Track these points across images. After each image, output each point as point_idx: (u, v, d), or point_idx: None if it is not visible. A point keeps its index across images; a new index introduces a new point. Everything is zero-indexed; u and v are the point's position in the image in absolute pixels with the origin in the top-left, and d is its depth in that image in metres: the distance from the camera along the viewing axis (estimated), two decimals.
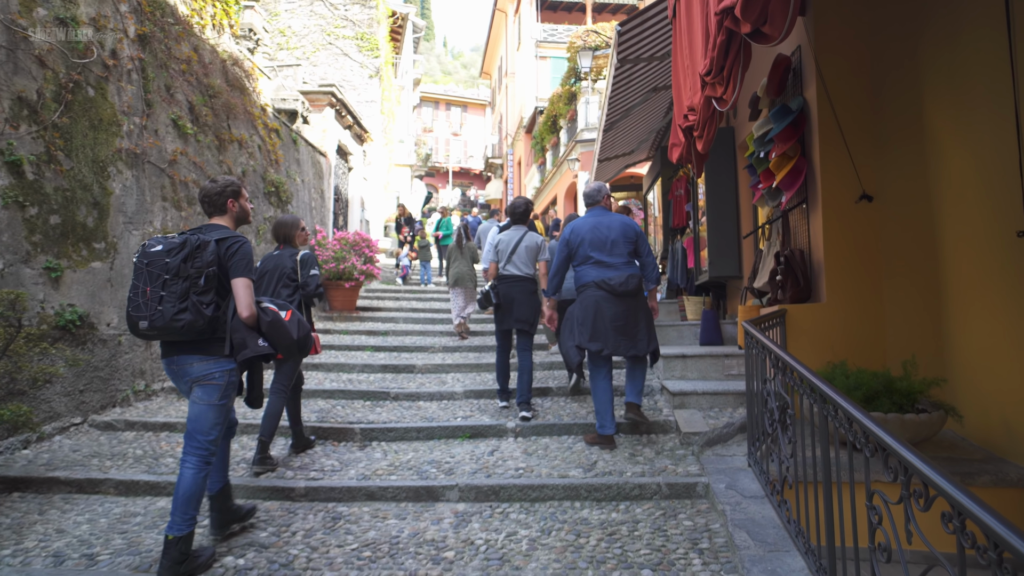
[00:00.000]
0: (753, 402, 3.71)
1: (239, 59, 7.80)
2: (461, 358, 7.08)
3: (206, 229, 2.91)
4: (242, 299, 2.81)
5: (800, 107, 5.04)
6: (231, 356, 2.85)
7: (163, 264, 2.71)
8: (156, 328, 2.68)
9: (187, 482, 2.79)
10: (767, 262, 5.39)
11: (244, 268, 2.84)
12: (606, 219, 4.51)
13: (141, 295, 2.70)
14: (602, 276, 4.31)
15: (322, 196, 10.85)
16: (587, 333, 4.27)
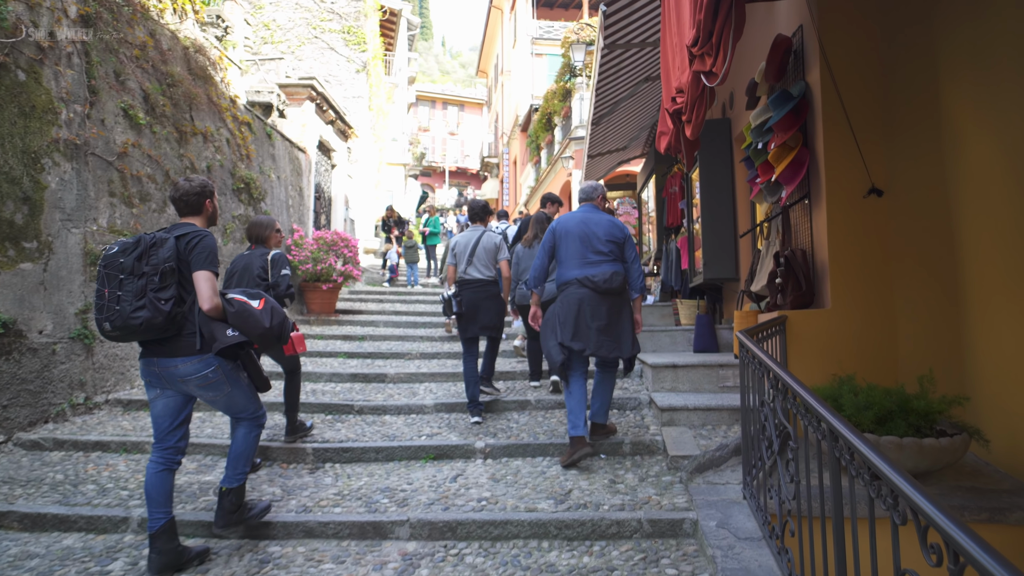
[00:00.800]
0: (749, 423, 3.24)
1: (203, 47, 7.32)
2: (438, 366, 6.60)
3: (171, 228, 2.91)
4: (203, 292, 2.77)
5: (802, 92, 4.57)
6: (204, 351, 2.83)
7: (118, 264, 2.72)
8: (117, 328, 2.69)
9: (239, 442, 3.07)
10: (766, 263, 4.92)
11: (205, 261, 2.80)
12: (595, 216, 4.27)
13: (101, 297, 2.73)
14: (585, 273, 4.10)
15: (300, 194, 10.37)
16: (569, 332, 4.04)
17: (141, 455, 4.23)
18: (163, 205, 6.34)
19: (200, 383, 2.84)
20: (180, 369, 2.79)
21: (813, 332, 4.23)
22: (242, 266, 4.28)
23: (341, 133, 12.80)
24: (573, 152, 16.92)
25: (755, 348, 2.80)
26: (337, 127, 12.45)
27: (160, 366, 2.81)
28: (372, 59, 16.02)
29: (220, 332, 2.83)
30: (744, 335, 3.19)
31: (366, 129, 16.46)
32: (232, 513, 3.00)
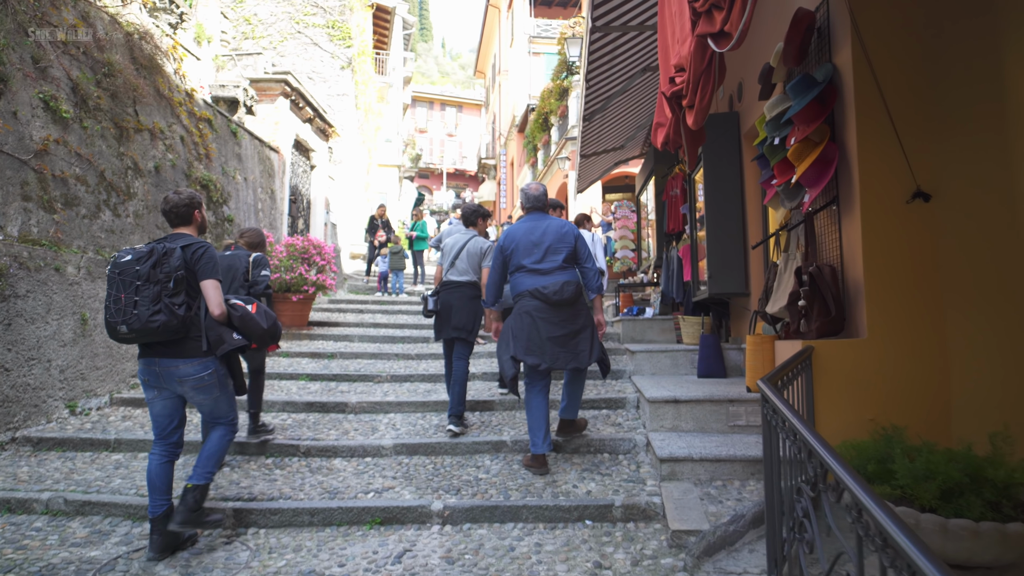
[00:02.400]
0: (774, 501, 2.47)
1: (150, 33, 6.57)
2: (408, 392, 5.83)
3: (171, 238, 3.12)
4: (212, 299, 3.07)
5: (829, 77, 3.81)
6: (208, 353, 3.08)
7: (134, 272, 2.91)
8: (135, 330, 2.89)
9: (214, 443, 3.21)
10: (784, 281, 4.15)
11: (211, 270, 3.09)
12: (542, 223, 4.11)
13: (117, 302, 2.90)
14: (536, 284, 3.98)
15: (272, 196, 9.62)
16: (522, 345, 3.92)
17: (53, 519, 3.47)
18: (96, 211, 5.58)
19: (195, 384, 3.07)
20: (181, 370, 3.03)
21: (846, 368, 3.46)
22: (226, 266, 4.38)
23: (321, 132, 12.04)
24: (570, 153, 16.19)
25: (789, 413, 2.03)
26: (316, 125, 11.70)
27: (161, 366, 3.03)
28: (358, 55, 15.28)
29: (228, 336, 3.15)
30: (768, 386, 2.42)
31: (352, 129, 15.71)
32: (193, 511, 3.08)
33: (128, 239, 6.00)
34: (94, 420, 5.02)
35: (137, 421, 5.04)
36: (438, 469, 4.02)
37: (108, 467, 4.14)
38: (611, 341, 7.87)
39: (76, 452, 4.44)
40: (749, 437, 4.04)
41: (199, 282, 3.06)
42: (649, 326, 7.76)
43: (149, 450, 4.42)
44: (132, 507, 3.49)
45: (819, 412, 3.43)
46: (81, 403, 5.19)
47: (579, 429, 4.30)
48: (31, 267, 4.75)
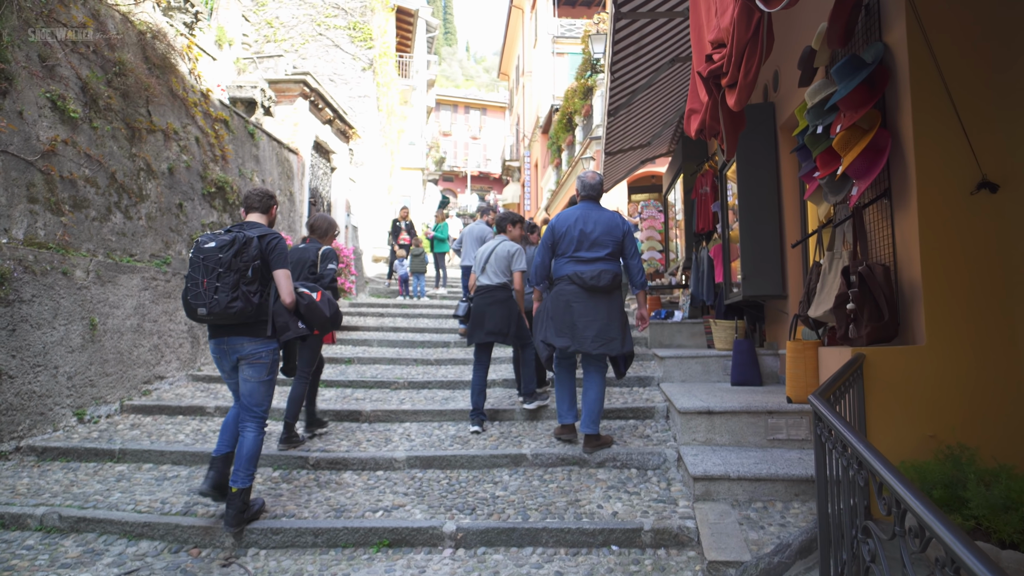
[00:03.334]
0: (828, 534, 2.15)
1: (163, 32, 6.45)
2: (425, 399, 5.58)
3: (247, 226, 3.34)
4: (284, 287, 3.30)
5: (879, 57, 3.47)
6: (272, 337, 3.32)
7: (217, 259, 3.11)
8: (214, 314, 3.11)
9: (248, 443, 3.26)
10: (829, 282, 3.80)
11: (283, 261, 3.32)
12: (594, 214, 4.18)
13: (199, 286, 3.11)
14: (576, 270, 4.10)
15: (291, 199, 9.48)
16: (554, 328, 4.09)
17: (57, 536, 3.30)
18: (106, 213, 5.44)
19: (254, 360, 3.28)
20: (246, 348, 3.26)
21: (902, 378, 3.11)
22: (296, 257, 4.55)
23: (341, 134, 11.91)
24: (594, 153, 15.87)
25: (858, 443, 1.71)
26: (336, 127, 11.56)
27: (229, 344, 3.26)
28: (379, 56, 15.16)
29: (293, 323, 3.40)
30: (821, 401, 2.10)
31: (374, 131, 15.59)
32: (241, 513, 3.21)
33: (140, 242, 5.87)
34: (102, 428, 4.86)
35: (146, 430, 4.88)
36: (452, 485, 3.75)
37: (110, 479, 3.95)
38: (639, 346, 7.53)
39: (80, 462, 4.27)
40: (791, 453, 3.70)
41: (272, 271, 3.30)
42: (678, 330, 7.41)
43: (154, 461, 4.29)
44: (128, 524, 3.29)
45: (872, 427, 3.09)
46: (90, 411, 5.04)
47: (604, 444, 4.12)
48: (37, 271, 4.61)
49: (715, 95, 2.72)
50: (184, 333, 6.41)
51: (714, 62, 2.54)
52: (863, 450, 1.66)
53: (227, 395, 5.77)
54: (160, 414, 5.29)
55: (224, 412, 5.28)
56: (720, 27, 2.42)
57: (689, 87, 3.37)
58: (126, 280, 5.56)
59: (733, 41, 2.24)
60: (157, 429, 4.90)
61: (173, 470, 4.13)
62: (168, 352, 6.12)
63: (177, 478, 3.98)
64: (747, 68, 2.27)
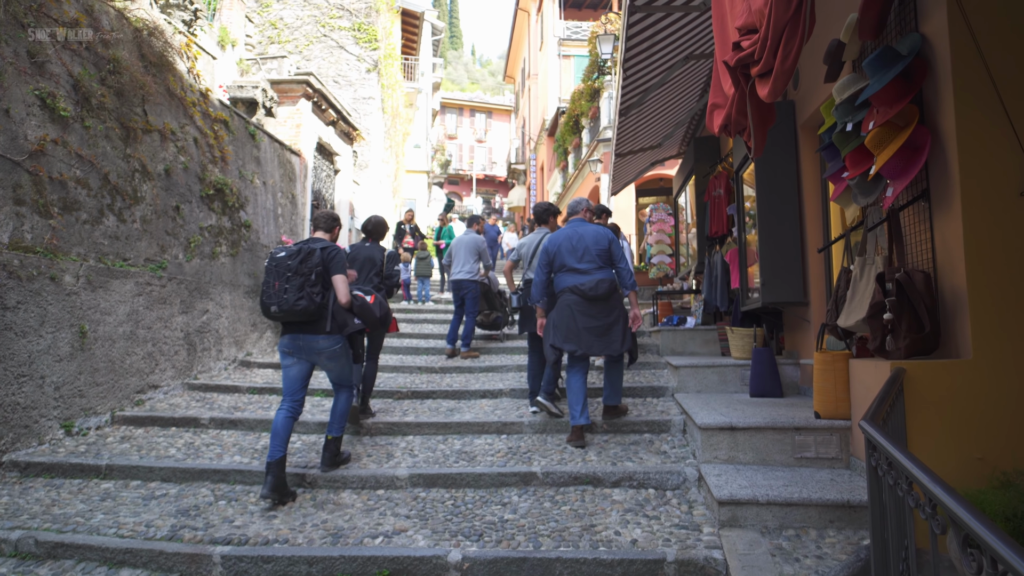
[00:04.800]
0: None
1: (161, 29, 6.25)
2: (429, 410, 5.34)
3: (312, 241, 3.91)
4: (341, 290, 3.85)
5: (916, 49, 3.22)
6: (335, 332, 3.84)
7: (287, 265, 3.74)
8: (283, 311, 3.69)
9: (341, 404, 4.07)
10: (861, 289, 3.55)
11: (341, 267, 3.87)
12: (580, 229, 4.66)
13: (271, 287, 3.74)
14: (575, 282, 4.53)
15: (293, 201, 9.27)
16: (562, 334, 4.52)
17: None
18: (98, 216, 5.23)
19: (330, 355, 3.86)
20: (320, 344, 3.80)
21: (946, 395, 2.86)
22: (364, 256, 5.15)
23: (345, 135, 11.70)
24: (601, 155, 15.63)
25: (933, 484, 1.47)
26: (340, 128, 11.36)
27: (304, 340, 3.80)
28: (384, 57, 14.97)
29: (349, 320, 3.93)
30: (878, 430, 1.85)
31: (379, 133, 15.41)
32: (335, 456, 3.98)
33: (134, 246, 5.66)
34: (90, 442, 4.64)
35: (136, 443, 4.66)
36: (458, 506, 3.51)
37: (94, 498, 3.73)
38: (650, 353, 7.29)
39: (64, 479, 4.05)
40: (821, 473, 3.44)
41: (331, 276, 3.83)
42: (691, 337, 7.16)
43: (142, 478, 4.07)
44: (109, 551, 3.06)
45: (914, 449, 2.83)
46: (78, 422, 4.83)
47: (622, 413, 4.82)
48: (22, 276, 4.41)
49: (743, 86, 2.48)
50: (180, 340, 6.20)
51: (743, 49, 2.30)
52: (940, 492, 1.41)
53: (222, 405, 5.56)
54: (152, 425, 5.07)
55: (220, 423, 5.06)
56: (752, 9, 2.18)
57: (712, 81, 3.13)
58: (119, 285, 5.35)
59: (769, 23, 2.00)
60: (148, 442, 4.67)
61: (161, 488, 3.90)
62: (163, 360, 5.91)
63: (165, 497, 3.75)
64: (785, 53, 2.04)
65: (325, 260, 3.81)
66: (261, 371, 6.97)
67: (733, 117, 2.68)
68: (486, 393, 5.77)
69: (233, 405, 5.56)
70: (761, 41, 2.09)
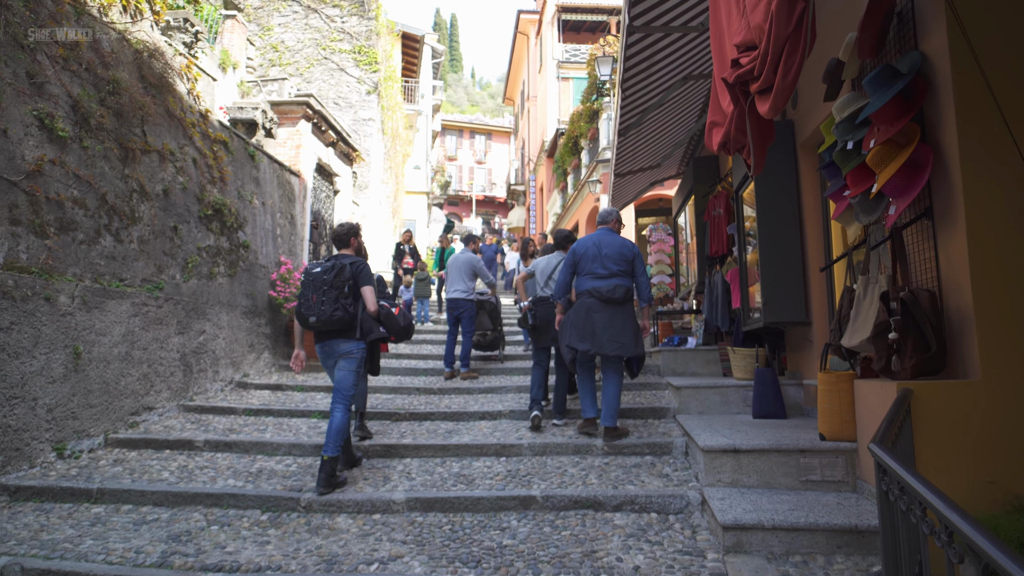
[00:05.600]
0: None
1: (161, 51, 6.28)
2: (427, 432, 5.26)
3: (340, 257, 4.27)
4: (369, 300, 4.20)
5: (916, 67, 3.22)
6: (361, 338, 4.21)
7: (322, 279, 4.11)
8: (321, 321, 4.05)
9: (337, 421, 4.09)
10: (864, 308, 3.50)
11: (369, 279, 4.24)
12: (608, 238, 4.95)
13: (309, 300, 4.10)
14: (594, 285, 4.81)
15: (292, 222, 9.26)
16: (576, 334, 4.76)
17: None
18: (95, 236, 5.20)
19: (348, 357, 4.14)
20: (343, 347, 4.13)
21: (955, 417, 2.80)
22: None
23: (345, 156, 11.74)
24: (600, 176, 15.67)
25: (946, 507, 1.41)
26: (340, 149, 11.40)
27: (331, 346, 4.14)
28: (384, 80, 15.09)
29: (376, 328, 4.25)
30: (888, 454, 1.79)
31: (379, 154, 15.48)
32: (331, 477, 3.98)
33: (131, 267, 5.62)
34: (82, 465, 4.56)
35: (129, 466, 4.57)
36: (456, 531, 3.43)
37: (84, 523, 3.64)
38: (651, 374, 7.22)
39: (54, 503, 3.96)
40: (827, 496, 3.36)
41: (360, 288, 4.18)
42: (692, 357, 7.10)
43: (133, 502, 3.98)
44: None
45: (922, 472, 2.77)
46: (71, 445, 4.75)
47: (622, 434, 4.79)
48: (16, 296, 4.36)
49: (742, 103, 2.46)
50: (176, 361, 6.13)
51: (742, 66, 2.28)
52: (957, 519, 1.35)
53: (217, 427, 5.48)
54: (146, 448, 4.99)
55: (214, 445, 4.98)
56: (750, 25, 2.17)
57: (710, 99, 3.12)
58: (114, 306, 5.30)
59: (770, 38, 1.98)
60: (141, 465, 4.59)
61: (153, 512, 3.82)
62: (158, 381, 5.84)
63: (156, 522, 3.66)
64: (786, 69, 2.01)
65: (355, 273, 4.19)
66: (258, 392, 6.89)
67: (732, 135, 2.66)
68: (485, 415, 5.70)
69: (228, 427, 5.48)
70: (761, 57, 2.07)
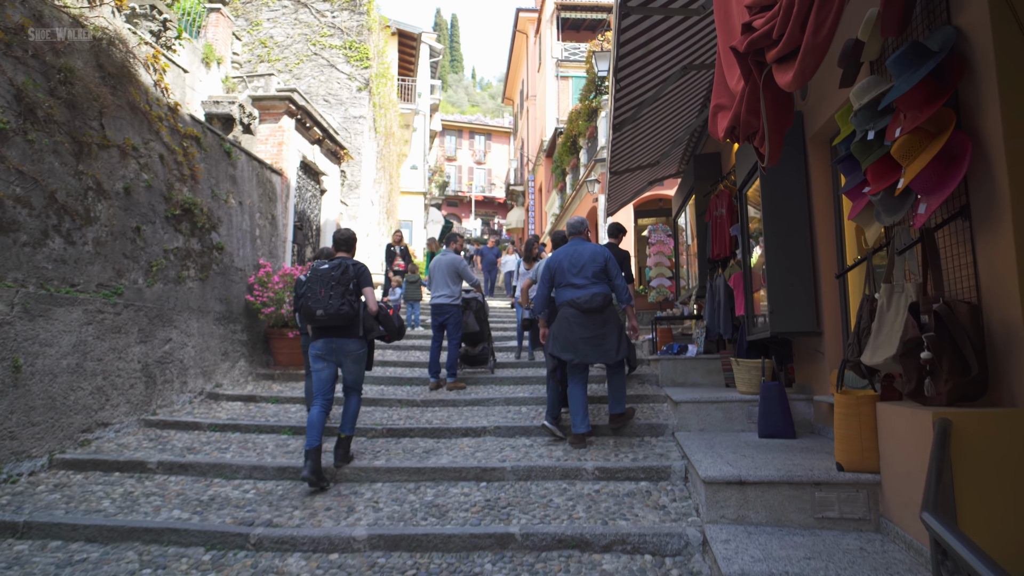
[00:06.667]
0: None
1: (123, 38, 5.85)
2: (403, 452, 4.82)
3: (343, 260, 4.53)
4: (371, 299, 4.55)
5: (950, 44, 2.78)
6: (363, 336, 4.52)
7: (330, 276, 4.37)
8: (328, 315, 4.27)
9: (352, 406, 4.58)
10: (889, 321, 3.06)
11: (369, 281, 4.53)
12: (580, 247, 5.00)
13: (317, 294, 4.32)
14: (572, 296, 4.87)
15: (273, 222, 8.82)
16: (560, 345, 4.83)
17: None
18: (41, 238, 4.77)
19: (355, 357, 4.49)
20: (350, 346, 4.45)
21: (1002, 452, 2.36)
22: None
23: (332, 154, 11.31)
24: (599, 175, 15.25)
25: None
26: (326, 147, 10.97)
27: (337, 343, 4.42)
28: (376, 76, 14.66)
29: (375, 326, 4.61)
30: (946, 528, 1.35)
31: (371, 153, 15.05)
32: (347, 453, 4.46)
33: (84, 271, 5.19)
34: (17, 491, 4.12)
35: (69, 492, 4.13)
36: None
37: (0, 565, 3.21)
38: (649, 384, 6.78)
39: None
40: (847, 538, 2.92)
41: (362, 287, 4.46)
42: (692, 367, 6.67)
43: (63, 537, 3.54)
44: None
45: (964, 516, 2.34)
46: (8, 468, 4.31)
47: (628, 417, 5.02)
48: None
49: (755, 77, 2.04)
50: (137, 372, 5.70)
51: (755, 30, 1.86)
52: None
53: (176, 446, 5.04)
54: (94, 470, 4.56)
55: (168, 467, 4.54)
56: None
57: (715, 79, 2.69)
58: (63, 314, 4.87)
59: None
60: (83, 491, 4.15)
61: (83, 550, 3.38)
62: (115, 395, 5.40)
63: (84, 563, 3.22)
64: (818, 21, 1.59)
65: (357, 274, 4.45)
66: (228, 405, 6.46)
67: (742, 117, 2.22)
68: (468, 431, 5.26)
69: (188, 446, 5.04)
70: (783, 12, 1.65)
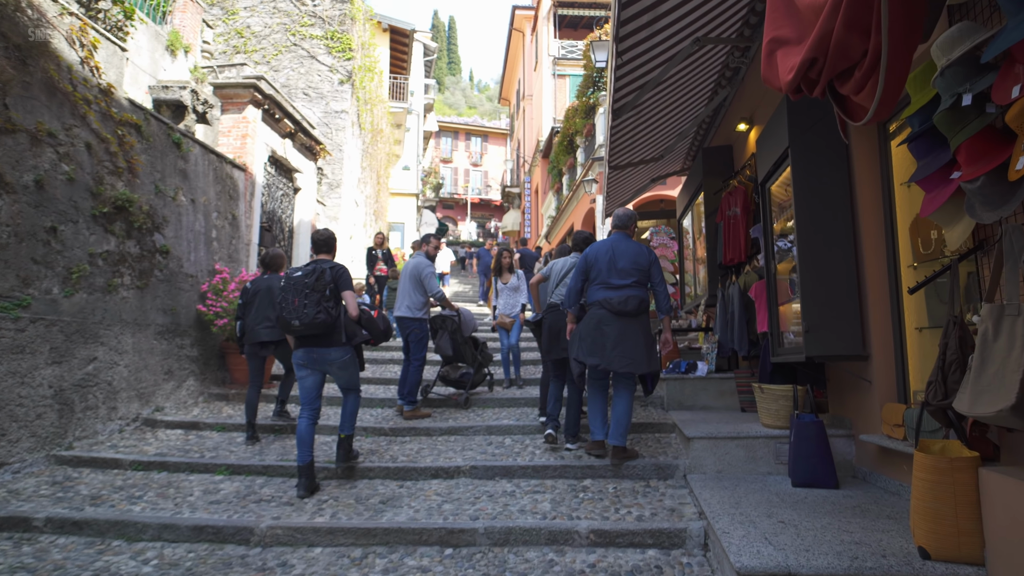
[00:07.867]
0: None
1: (37, 5, 4.97)
2: (354, 501, 3.93)
3: (320, 262, 4.26)
4: (350, 304, 4.22)
5: None
6: (346, 343, 4.24)
7: (304, 283, 4.08)
8: (304, 324, 4.01)
9: (351, 405, 4.42)
10: (999, 356, 2.19)
11: (349, 284, 4.27)
12: (623, 244, 4.53)
13: (291, 304, 4.05)
14: (605, 295, 4.41)
15: (234, 223, 7.93)
16: (586, 348, 4.40)
17: None
18: None
19: (340, 365, 4.26)
20: (332, 355, 4.20)
21: None
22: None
23: (307, 150, 10.43)
24: (596, 174, 14.41)
25: None
26: (300, 142, 10.09)
27: (318, 353, 4.18)
28: (360, 68, 13.80)
29: (358, 331, 4.35)
30: None
31: (354, 150, 14.17)
32: (348, 452, 4.37)
33: None
34: None
35: None
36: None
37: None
38: (653, 407, 5.92)
39: None
40: None
41: (341, 292, 4.21)
42: (703, 387, 5.83)
43: None
44: None
45: None
46: None
47: (631, 457, 4.40)
48: None
49: None
50: (47, 399, 4.80)
51: None
52: None
53: (81, 493, 4.13)
54: None
55: (59, 525, 3.64)
56: None
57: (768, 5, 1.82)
58: None
59: None
60: None
61: None
62: (14, 428, 4.50)
63: None
64: None
65: (335, 278, 4.18)
66: (165, 433, 5.56)
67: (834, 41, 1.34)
68: (439, 472, 4.38)
69: (96, 493, 4.15)
70: None
